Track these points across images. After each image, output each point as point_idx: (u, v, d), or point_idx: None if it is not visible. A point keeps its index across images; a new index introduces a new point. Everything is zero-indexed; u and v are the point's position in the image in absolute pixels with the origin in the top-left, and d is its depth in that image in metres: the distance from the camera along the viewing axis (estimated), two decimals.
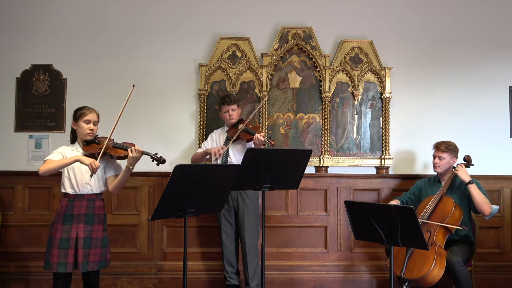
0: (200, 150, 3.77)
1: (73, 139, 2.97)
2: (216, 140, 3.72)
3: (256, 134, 3.39)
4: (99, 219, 2.87)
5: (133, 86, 2.92)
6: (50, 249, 2.76)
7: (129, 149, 2.81)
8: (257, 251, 3.57)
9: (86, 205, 2.82)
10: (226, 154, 3.57)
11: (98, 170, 2.85)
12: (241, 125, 3.53)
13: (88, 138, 2.90)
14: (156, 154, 2.86)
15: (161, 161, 2.85)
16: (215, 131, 3.82)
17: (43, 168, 2.75)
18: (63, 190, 2.85)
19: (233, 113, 3.61)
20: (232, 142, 3.52)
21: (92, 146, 2.89)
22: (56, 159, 2.82)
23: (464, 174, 3.30)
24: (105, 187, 2.95)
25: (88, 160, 2.71)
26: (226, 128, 3.72)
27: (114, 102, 4.01)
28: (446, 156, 3.43)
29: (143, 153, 2.82)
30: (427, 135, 4.00)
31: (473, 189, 3.23)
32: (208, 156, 3.70)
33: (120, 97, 4.05)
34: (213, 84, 4.14)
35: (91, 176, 2.74)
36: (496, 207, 3.25)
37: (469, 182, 3.25)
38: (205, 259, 4.00)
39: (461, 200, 3.33)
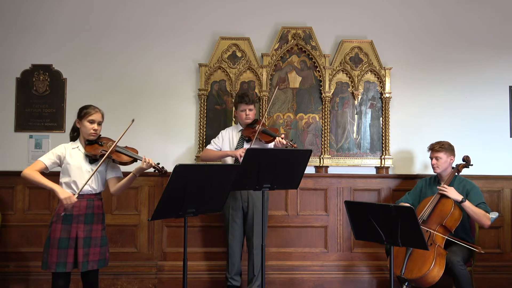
0: (211, 147, 3.69)
1: (75, 137, 2.97)
2: (229, 139, 3.67)
3: (278, 138, 3.37)
4: (98, 218, 2.88)
5: (133, 120, 2.93)
6: (49, 249, 2.76)
7: (143, 159, 2.84)
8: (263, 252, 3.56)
9: (86, 205, 2.83)
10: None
11: (97, 172, 2.87)
12: (258, 126, 3.49)
13: (91, 138, 2.90)
14: (158, 164, 2.89)
15: (162, 172, 2.88)
16: (226, 129, 3.77)
17: (26, 173, 2.77)
18: None
19: (250, 113, 3.59)
20: (248, 142, 3.50)
21: (94, 146, 2.89)
22: (48, 162, 2.83)
23: (455, 194, 3.24)
24: (104, 187, 2.96)
25: (63, 194, 2.71)
26: (239, 127, 3.70)
27: (114, 102, 4.05)
28: (442, 155, 3.44)
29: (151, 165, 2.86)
30: (427, 135, 4.00)
31: (467, 207, 3.20)
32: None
33: (119, 97, 4.10)
34: (213, 84, 4.14)
35: (64, 213, 2.75)
36: (495, 215, 3.23)
37: (462, 201, 3.21)
38: (206, 259, 4.00)
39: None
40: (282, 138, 3.37)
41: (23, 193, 3.99)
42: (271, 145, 3.45)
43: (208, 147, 3.73)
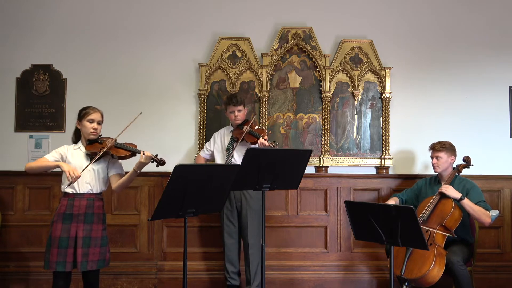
0: (202, 154, 3.79)
1: (77, 138, 3.01)
2: (221, 141, 3.71)
3: (261, 139, 3.39)
4: (99, 218, 2.88)
5: (141, 113, 3.01)
6: (50, 248, 2.77)
7: (141, 153, 2.85)
8: (259, 252, 3.56)
9: (86, 205, 2.83)
10: (231, 155, 3.56)
11: (100, 170, 2.89)
12: (246, 126, 3.51)
13: (92, 137, 2.93)
14: (157, 155, 2.90)
15: (160, 162, 2.89)
16: (219, 131, 3.80)
17: (29, 164, 2.86)
18: (63, 190, 2.86)
19: (238, 114, 3.60)
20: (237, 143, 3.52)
21: (94, 145, 2.92)
22: (51, 158, 2.87)
23: (453, 192, 3.24)
24: (105, 186, 2.97)
25: (67, 167, 2.74)
26: (231, 128, 3.72)
27: (114, 102, 4.05)
28: (443, 155, 3.44)
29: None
30: (427, 135, 4.00)
31: (467, 205, 3.19)
32: (211, 157, 3.75)
33: (119, 97, 4.10)
34: (213, 84, 4.14)
35: (68, 185, 2.76)
36: (495, 213, 3.23)
37: (461, 199, 3.20)
38: (205, 259, 4.00)
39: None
40: (265, 140, 3.38)
41: (23, 193, 3.99)
42: (255, 146, 3.46)
43: (200, 153, 3.82)
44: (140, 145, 3.08)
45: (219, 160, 3.65)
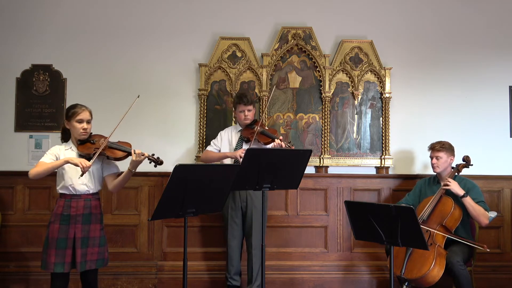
0: (211, 149, 3.70)
1: (66, 137, 2.94)
2: (228, 139, 3.67)
3: (276, 140, 3.38)
4: (96, 218, 2.86)
5: (138, 96, 2.94)
6: (47, 249, 2.75)
7: (132, 152, 2.80)
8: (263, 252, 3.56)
9: (83, 205, 2.81)
10: None
11: (95, 170, 2.86)
12: (257, 126, 3.49)
13: (82, 137, 2.86)
14: (153, 155, 2.85)
15: (158, 162, 2.84)
16: (225, 129, 3.77)
17: (33, 171, 2.73)
18: (59, 191, 2.84)
19: (248, 113, 3.58)
20: (247, 143, 3.50)
21: (86, 145, 2.85)
22: (48, 161, 2.79)
23: (457, 188, 3.26)
24: (101, 186, 2.94)
25: (77, 160, 2.69)
26: (238, 127, 3.70)
27: (114, 102, 4.04)
28: (442, 155, 3.44)
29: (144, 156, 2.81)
30: (427, 135, 4.00)
31: (468, 203, 3.21)
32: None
33: (119, 97, 4.10)
34: (213, 84, 4.14)
35: (81, 175, 2.70)
36: (493, 214, 3.24)
37: (463, 196, 3.22)
38: (205, 259, 4.00)
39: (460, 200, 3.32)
40: (280, 140, 3.37)
41: (23, 193, 3.99)
42: (269, 147, 3.45)
43: (208, 148, 3.75)
44: (140, 145, 3.07)
45: (227, 159, 3.62)
